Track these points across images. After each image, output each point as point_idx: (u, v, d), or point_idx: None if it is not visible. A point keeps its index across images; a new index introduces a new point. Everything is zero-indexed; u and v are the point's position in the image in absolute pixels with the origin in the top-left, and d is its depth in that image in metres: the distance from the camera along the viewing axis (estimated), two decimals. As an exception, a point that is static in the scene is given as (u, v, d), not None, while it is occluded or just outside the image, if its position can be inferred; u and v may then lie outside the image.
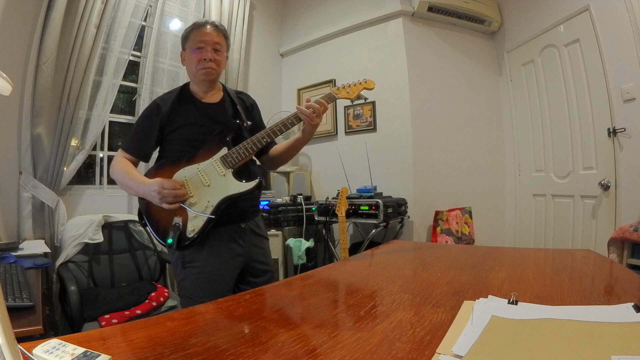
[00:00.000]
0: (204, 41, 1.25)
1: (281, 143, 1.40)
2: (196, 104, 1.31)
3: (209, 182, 1.19)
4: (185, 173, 1.20)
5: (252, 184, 1.19)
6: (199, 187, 1.18)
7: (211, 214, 1.15)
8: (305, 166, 3.43)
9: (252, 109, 1.41)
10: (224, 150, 1.21)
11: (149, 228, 1.24)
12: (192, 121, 1.27)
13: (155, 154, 1.35)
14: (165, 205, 1.14)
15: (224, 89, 1.39)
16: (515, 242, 3.12)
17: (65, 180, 2.18)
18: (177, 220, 1.15)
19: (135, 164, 1.30)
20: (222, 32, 1.31)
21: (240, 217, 1.27)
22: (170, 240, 1.13)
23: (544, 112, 2.83)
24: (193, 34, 1.28)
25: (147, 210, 1.24)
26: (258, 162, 1.44)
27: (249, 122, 1.30)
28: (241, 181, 1.19)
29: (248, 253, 1.29)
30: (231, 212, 1.21)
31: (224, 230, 1.23)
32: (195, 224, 1.15)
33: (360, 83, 1.30)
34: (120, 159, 1.27)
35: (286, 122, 1.21)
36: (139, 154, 1.29)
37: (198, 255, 1.21)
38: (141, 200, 1.24)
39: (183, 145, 1.25)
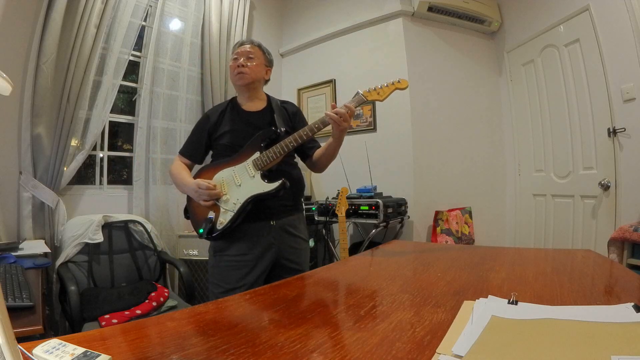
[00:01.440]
0: (239, 53, 1.46)
1: (320, 147, 1.49)
2: (239, 112, 1.48)
3: (240, 182, 1.33)
4: (223, 174, 1.37)
5: (274, 185, 1.30)
6: (232, 187, 1.34)
7: (237, 210, 1.30)
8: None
9: (293, 117, 1.52)
10: (257, 154, 1.34)
11: (190, 222, 1.43)
12: (234, 128, 1.43)
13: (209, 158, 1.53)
14: (201, 202, 1.33)
15: (268, 99, 1.53)
16: (515, 242, 3.12)
17: (65, 180, 2.18)
18: (211, 214, 1.32)
19: (190, 167, 1.51)
20: (258, 46, 1.50)
21: (268, 215, 1.37)
22: (201, 230, 1.32)
23: (544, 112, 2.84)
24: (234, 51, 1.49)
25: (189, 205, 1.42)
26: (303, 165, 1.55)
27: (282, 129, 1.38)
28: (268, 182, 1.31)
29: (279, 250, 1.37)
30: (260, 210, 1.33)
31: (254, 226, 1.35)
32: (224, 218, 1.31)
33: (393, 84, 1.32)
34: (177, 162, 1.51)
35: (313, 127, 1.29)
36: (191, 157, 1.51)
37: (228, 245, 1.36)
38: (187, 197, 1.42)
39: (226, 150, 1.42)
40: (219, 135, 1.44)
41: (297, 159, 1.55)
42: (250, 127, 1.41)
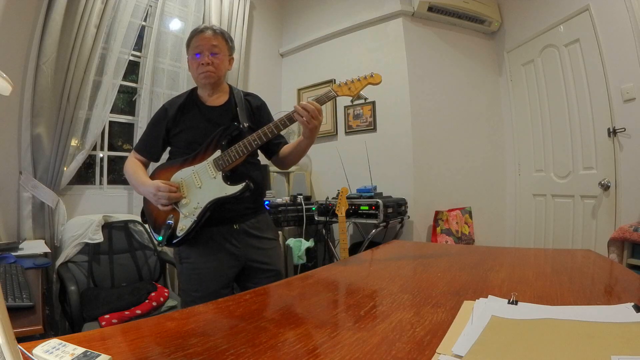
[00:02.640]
0: (201, 46, 1.30)
1: (288, 144, 1.40)
2: (200, 107, 1.35)
3: (201, 184, 1.24)
4: (182, 174, 1.26)
5: (237, 187, 1.21)
6: (192, 189, 1.24)
7: (198, 215, 1.20)
8: (305, 166, 3.43)
9: (258, 111, 1.40)
10: (218, 153, 1.24)
11: (148, 225, 1.34)
12: (194, 124, 1.32)
13: (166, 155, 1.43)
14: (159, 206, 1.23)
15: (231, 91, 1.41)
16: (515, 242, 3.12)
17: (65, 180, 2.18)
18: (170, 219, 1.23)
19: (146, 165, 1.40)
20: (221, 35, 1.34)
21: (231, 219, 1.29)
22: (160, 238, 1.24)
23: (544, 112, 2.83)
24: (193, 40, 1.32)
25: (147, 208, 1.32)
26: (268, 163, 1.46)
27: (245, 124, 1.30)
28: (230, 184, 1.21)
29: (244, 254, 1.31)
30: (221, 213, 1.25)
31: (216, 230, 1.27)
32: (184, 223, 1.22)
33: (365, 78, 1.23)
34: (132, 159, 1.39)
35: (278, 123, 1.20)
36: (147, 155, 1.39)
37: (192, 252, 1.28)
38: (144, 198, 1.31)
39: (185, 148, 1.31)
40: (178, 132, 1.33)
41: (260, 157, 1.45)
42: (212, 123, 1.30)
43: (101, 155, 2.51)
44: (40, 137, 2.03)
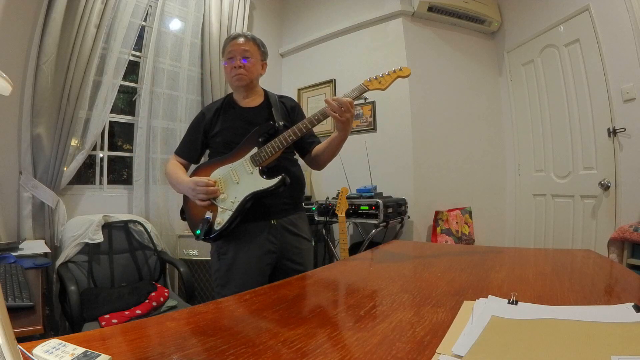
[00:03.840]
0: (234, 51, 1.38)
1: (322, 142, 1.43)
2: (236, 109, 1.42)
3: (238, 180, 1.27)
4: (220, 172, 1.31)
5: (273, 181, 1.24)
6: (230, 185, 1.28)
7: (236, 209, 1.24)
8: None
9: (292, 111, 1.46)
10: (255, 150, 1.28)
11: (187, 222, 1.37)
12: (231, 125, 1.38)
13: (206, 158, 1.48)
14: (197, 201, 1.27)
15: (266, 94, 1.47)
16: (515, 242, 3.12)
17: (65, 180, 2.18)
18: (209, 214, 1.27)
19: (186, 167, 1.46)
20: (252, 40, 1.41)
21: (268, 214, 1.32)
22: (198, 232, 1.26)
23: (544, 112, 2.83)
24: (227, 47, 1.40)
25: (186, 205, 1.37)
26: (301, 161, 1.48)
27: (281, 123, 1.33)
28: (266, 178, 1.25)
29: (280, 250, 1.32)
30: (259, 209, 1.28)
31: (254, 225, 1.30)
32: (222, 217, 1.25)
33: (395, 72, 1.27)
34: (172, 162, 1.45)
35: (312, 119, 1.22)
36: (187, 157, 1.46)
37: (230, 247, 1.31)
38: (184, 197, 1.37)
39: (223, 147, 1.36)
40: (215, 133, 1.39)
41: (297, 157, 1.49)
42: (248, 123, 1.34)
43: (101, 155, 2.51)
44: (40, 137, 2.03)
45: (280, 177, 1.24)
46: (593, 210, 2.42)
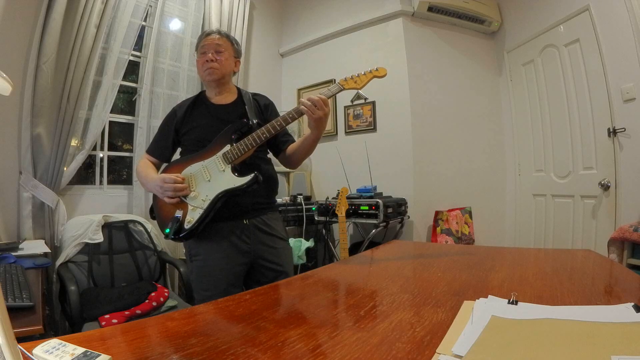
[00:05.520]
0: (206, 46, 1.36)
1: (295, 141, 1.41)
2: (208, 106, 1.40)
3: (210, 178, 1.24)
4: (191, 169, 1.28)
5: (246, 179, 1.21)
6: (201, 182, 1.25)
7: (206, 208, 1.20)
8: (305, 166, 3.43)
9: (265, 109, 1.44)
10: (227, 147, 1.25)
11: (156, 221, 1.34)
12: (203, 122, 1.35)
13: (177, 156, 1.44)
14: (166, 199, 1.23)
15: (239, 91, 1.45)
16: (515, 242, 3.12)
17: (65, 180, 2.18)
18: (178, 212, 1.23)
19: (158, 165, 1.42)
20: (226, 37, 1.41)
21: (240, 213, 1.29)
22: (167, 230, 1.22)
23: (544, 112, 2.83)
24: (200, 42, 1.40)
25: (155, 203, 1.34)
26: (277, 160, 1.46)
27: (255, 121, 1.31)
28: (239, 176, 1.22)
29: (254, 250, 1.30)
30: (231, 208, 1.25)
31: (226, 225, 1.27)
32: (192, 216, 1.21)
33: (370, 72, 1.27)
34: (143, 160, 1.43)
35: (287, 116, 1.21)
36: (158, 155, 1.43)
37: (201, 248, 1.28)
38: (154, 195, 1.33)
39: (195, 145, 1.33)
40: (187, 131, 1.36)
41: (270, 155, 1.46)
42: (220, 120, 1.32)
43: (101, 155, 2.51)
44: (40, 137, 2.03)
45: (252, 175, 1.21)
46: (593, 210, 2.42)
